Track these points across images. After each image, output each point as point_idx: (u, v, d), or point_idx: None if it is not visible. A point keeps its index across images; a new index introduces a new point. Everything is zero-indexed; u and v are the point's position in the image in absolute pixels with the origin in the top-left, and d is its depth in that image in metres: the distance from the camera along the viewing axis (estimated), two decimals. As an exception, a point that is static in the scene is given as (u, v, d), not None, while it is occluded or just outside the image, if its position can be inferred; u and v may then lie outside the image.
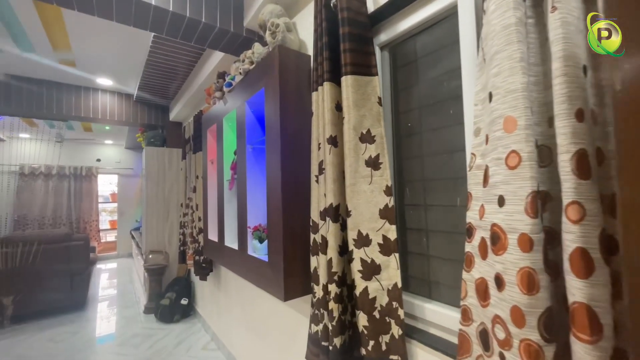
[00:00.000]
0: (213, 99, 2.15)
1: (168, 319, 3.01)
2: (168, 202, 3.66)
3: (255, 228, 1.52)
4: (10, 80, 2.95)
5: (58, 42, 2.38)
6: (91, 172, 6.29)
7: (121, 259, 6.43)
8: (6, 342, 2.71)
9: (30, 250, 3.05)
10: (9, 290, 2.95)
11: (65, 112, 3.22)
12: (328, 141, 1.07)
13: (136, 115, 3.68)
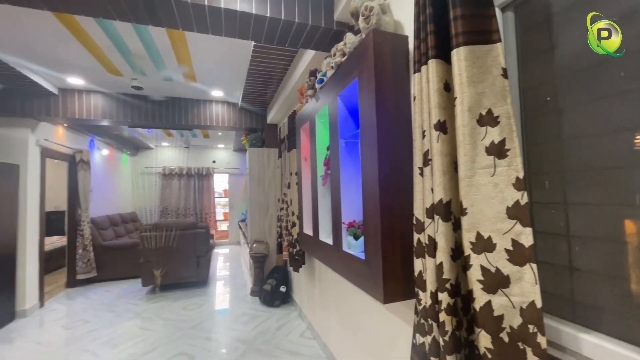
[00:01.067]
0: (305, 97, 2.21)
1: (270, 303, 3.31)
2: (267, 197, 4.03)
3: (350, 224, 1.48)
4: (155, 100, 3.74)
5: (183, 59, 2.86)
6: (209, 172, 7.51)
7: (232, 245, 7.48)
8: (156, 306, 3.46)
9: (170, 234, 3.83)
10: (158, 265, 3.78)
11: (190, 122, 3.89)
12: (435, 127, 0.93)
13: (241, 120, 4.16)
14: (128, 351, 2.47)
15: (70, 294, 4.00)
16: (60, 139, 4.01)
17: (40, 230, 3.52)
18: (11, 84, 3.05)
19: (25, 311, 3.23)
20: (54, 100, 3.37)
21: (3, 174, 3.03)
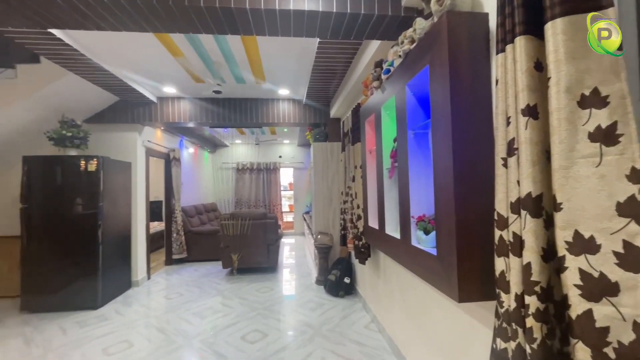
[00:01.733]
0: (370, 89, 2.19)
1: (334, 292, 3.41)
2: (331, 190, 4.13)
3: (420, 218, 1.43)
4: (230, 102, 4.14)
5: (254, 61, 3.09)
6: (275, 167, 8.00)
7: (297, 236, 7.88)
8: (234, 286, 3.89)
9: (245, 223, 4.23)
10: (235, 250, 4.22)
11: (260, 120, 4.20)
12: (523, 112, 0.84)
13: (305, 116, 4.32)
14: (213, 323, 2.84)
15: (168, 271, 4.75)
16: (159, 140, 4.75)
17: (147, 217, 4.26)
18: (124, 96, 3.72)
19: (137, 281, 3.97)
20: (154, 107, 4.01)
21: (122, 170, 3.74)
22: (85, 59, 2.64)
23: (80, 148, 3.45)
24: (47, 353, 2.37)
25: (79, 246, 3.22)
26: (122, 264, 3.74)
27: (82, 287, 3.21)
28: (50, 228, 3.19)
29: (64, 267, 3.18)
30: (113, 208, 3.50)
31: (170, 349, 2.40)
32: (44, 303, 3.16)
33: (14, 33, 2.18)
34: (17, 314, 3.13)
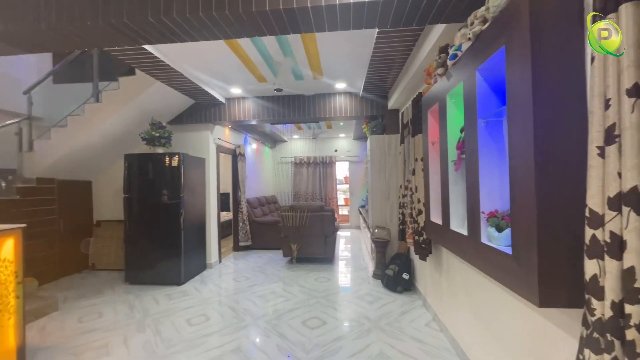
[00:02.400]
0: (434, 77, 2.07)
1: (392, 287, 3.36)
2: (388, 183, 4.04)
3: (492, 214, 1.33)
4: (289, 99, 4.32)
5: (312, 57, 3.17)
6: (331, 160, 8.11)
7: (352, 229, 7.92)
8: (294, 274, 4.11)
9: (303, 215, 4.41)
10: (294, 240, 4.44)
11: (317, 115, 4.30)
12: (629, 93, 0.72)
13: (362, 109, 4.28)
14: (276, 306, 3.06)
15: (235, 256, 5.24)
16: (227, 138, 5.22)
17: (218, 207, 4.74)
18: (199, 99, 4.16)
19: (211, 264, 4.47)
20: (222, 108, 4.40)
21: (197, 165, 4.22)
22: (169, 68, 3.03)
23: (166, 146, 3.99)
24: (146, 318, 2.84)
25: (166, 231, 3.75)
26: (199, 248, 4.24)
27: (169, 265, 3.74)
28: (145, 214, 3.79)
29: (155, 248, 3.75)
30: (191, 198, 3.98)
31: (239, 325, 2.66)
32: (141, 276, 3.78)
33: (117, 51, 2.62)
34: (122, 284, 3.81)
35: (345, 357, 2.15)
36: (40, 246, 3.79)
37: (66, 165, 3.93)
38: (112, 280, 3.99)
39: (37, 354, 2.27)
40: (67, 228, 4.17)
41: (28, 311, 2.67)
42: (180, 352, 2.25)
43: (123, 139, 4.14)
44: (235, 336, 2.49)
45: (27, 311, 2.46)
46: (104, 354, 2.25)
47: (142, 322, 2.76)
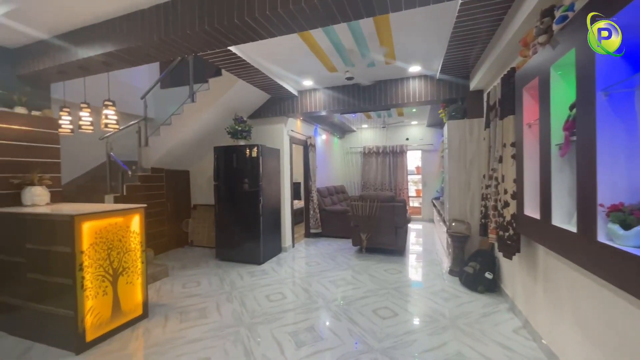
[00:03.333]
0: (532, 47, 1.77)
1: (471, 286, 3.09)
2: (469, 173, 3.67)
3: (615, 208, 1.09)
4: (361, 87, 4.25)
5: (385, 40, 3.04)
6: (402, 149, 7.76)
7: (424, 222, 7.49)
8: (364, 263, 4.12)
9: (373, 205, 4.36)
10: (364, 230, 4.44)
11: (389, 102, 4.14)
12: None
13: (438, 92, 3.95)
14: (346, 293, 3.12)
15: (307, 242, 5.51)
16: (299, 129, 5.45)
17: (291, 195, 5.03)
18: (274, 94, 4.43)
19: (285, 248, 4.80)
20: (295, 100, 4.60)
21: (274, 156, 4.54)
22: (248, 66, 3.29)
23: (246, 139, 4.39)
24: (233, 290, 3.23)
25: (247, 215, 4.17)
26: (275, 232, 4.59)
27: (250, 246, 4.16)
28: (231, 200, 4.27)
29: (239, 230, 4.21)
30: (268, 187, 4.32)
31: (313, 307, 2.81)
32: (228, 254, 4.30)
33: (208, 55, 2.96)
34: (213, 259, 4.40)
35: (419, 352, 2.08)
36: (154, 224, 4.63)
37: (171, 157, 4.68)
38: (206, 255, 4.64)
39: (155, 308, 2.80)
40: (172, 209, 4.99)
41: (148, 275, 3.31)
42: (262, 323, 2.50)
43: (212, 133, 4.70)
44: (308, 315, 2.64)
45: (147, 274, 3.06)
46: (202, 315, 2.65)
47: (230, 293, 3.15)
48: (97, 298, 2.23)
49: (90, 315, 2.18)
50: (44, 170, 2.83)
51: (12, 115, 2.66)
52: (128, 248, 2.48)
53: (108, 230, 2.32)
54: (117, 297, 2.38)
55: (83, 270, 2.13)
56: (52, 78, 2.94)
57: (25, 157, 2.74)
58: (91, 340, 2.17)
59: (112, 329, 2.33)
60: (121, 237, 2.42)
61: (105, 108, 2.46)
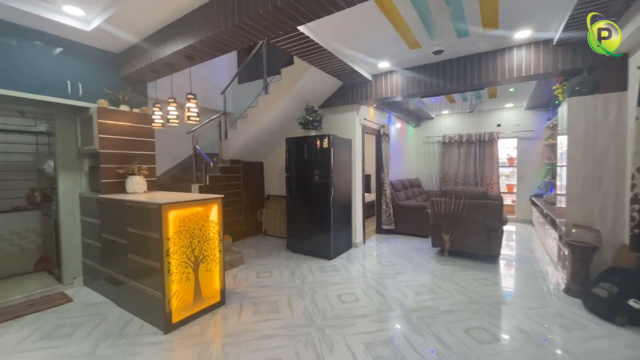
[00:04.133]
0: None
1: (605, 315, 2.34)
2: (600, 165, 2.80)
3: None
4: (446, 65, 3.65)
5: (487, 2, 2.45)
6: (492, 138, 6.66)
7: (518, 223, 6.33)
8: (447, 268, 3.59)
9: (459, 202, 3.75)
10: (447, 230, 3.88)
11: (483, 80, 3.45)
12: None
13: (555, 62, 3.09)
14: (428, 303, 2.71)
15: (378, 238, 5.16)
16: (371, 117, 5.08)
17: (363, 188, 4.74)
18: (346, 80, 4.15)
19: (356, 243, 4.56)
20: (369, 86, 4.24)
21: (345, 146, 4.30)
22: (320, 49, 3.07)
23: (317, 129, 4.24)
24: (304, 285, 3.14)
25: (318, 207, 4.05)
26: (346, 227, 4.38)
27: (321, 240, 4.04)
28: (301, 192, 4.20)
29: (309, 223, 4.13)
30: (339, 179, 4.10)
31: (390, 315, 2.51)
32: (298, 246, 4.27)
33: (280, 41, 2.83)
34: (285, 250, 4.44)
35: (537, 398, 1.60)
36: (232, 212, 4.91)
37: (247, 149, 4.86)
38: (278, 245, 4.72)
39: (232, 295, 2.88)
40: (248, 199, 5.23)
41: (226, 262, 3.46)
42: (334, 327, 2.32)
43: (285, 124, 4.70)
44: (385, 325, 2.35)
45: (225, 262, 3.18)
46: (274, 310, 2.60)
47: (301, 288, 3.06)
48: (181, 283, 2.35)
49: (176, 299, 2.30)
50: (142, 162, 3.14)
51: (118, 112, 3.01)
52: (207, 237, 2.56)
53: (190, 219, 2.41)
54: (198, 283, 2.48)
55: (169, 256, 2.25)
56: (147, 77, 3.23)
57: (128, 149, 3.07)
58: (176, 322, 2.30)
59: (194, 313, 2.44)
60: (201, 226, 2.51)
61: (188, 101, 2.54)
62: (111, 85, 3.10)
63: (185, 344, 2.12)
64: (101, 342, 2.15)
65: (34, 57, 2.62)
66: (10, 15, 2.39)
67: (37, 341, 2.17)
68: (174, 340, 2.17)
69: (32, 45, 2.62)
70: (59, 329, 2.32)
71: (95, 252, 3.00)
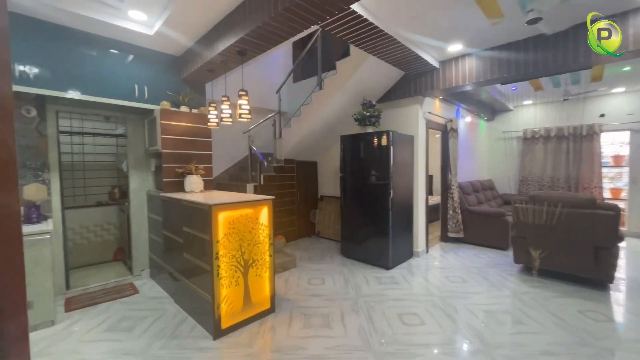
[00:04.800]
0: None
1: None
2: None
3: None
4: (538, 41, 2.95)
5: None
6: (592, 131, 5.42)
7: (631, 238, 5.02)
8: (537, 292, 2.91)
9: (554, 210, 3.02)
10: (537, 244, 3.17)
11: (588, 59, 2.68)
12: None
13: None
14: (517, 338, 2.16)
15: (443, 248, 4.56)
16: (437, 111, 4.50)
17: (426, 190, 4.22)
18: (409, 69, 3.70)
19: (418, 252, 4.06)
20: (435, 74, 3.72)
21: (406, 144, 3.85)
22: (380, 33, 2.71)
23: (375, 125, 3.88)
24: (359, 297, 2.83)
25: (375, 211, 3.69)
26: (406, 233, 3.93)
27: (378, 246, 3.67)
28: (357, 193, 3.89)
29: (365, 227, 3.79)
30: (399, 179, 3.68)
31: (466, 349, 2.05)
32: (353, 252, 3.97)
33: (334, 28, 2.56)
34: (338, 255, 4.17)
35: None
36: (285, 212, 4.83)
37: (300, 148, 4.73)
38: (331, 249, 4.49)
39: (282, 302, 2.72)
40: (301, 199, 5.11)
41: (278, 264, 3.34)
42: (395, 355, 1.96)
43: (340, 121, 4.44)
44: (460, 362, 1.91)
45: (277, 264, 3.04)
46: (326, 324, 2.35)
47: (355, 301, 2.76)
48: (231, 287, 2.25)
49: (225, 304, 2.21)
50: (199, 161, 3.19)
51: (178, 113, 3.10)
52: (257, 240, 2.43)
53: (239, 221, 2.30)
54: (248, 289, 2.37)
55: (219, 259, 2.17)
56: (205, 77, 3.28)
57: (186, 149, 3.15)
58: (225, 327, 2.21)
59: (243, 320, 2.33)
60: (251, 228, 2.39)
61: (239, 98, 2.44)
62: (172, 87, 3.22)
63: (233, 354, 2.00)
64: (155, 340, 2.15)
65: (110, 65, 2.82)
66: (86, 25, 2.58)
67: (103, 332, 2.28)
68: (222, 348, 2.07)
69: (108, 54, 2.82)
70: (123, 322, 2.43)
71: (158, 247, 3.14)
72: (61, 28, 2.56)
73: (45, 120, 2.75)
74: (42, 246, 2.29)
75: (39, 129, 2.71)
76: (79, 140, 3.87)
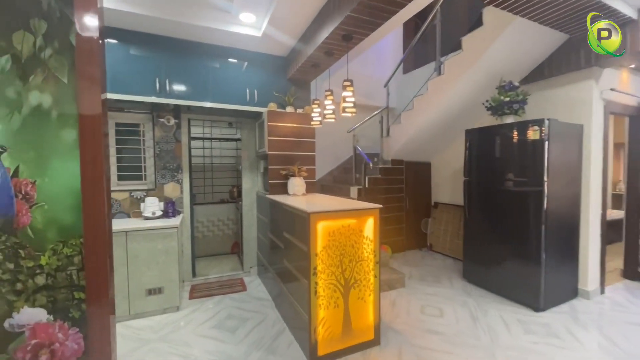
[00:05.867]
0: None
1: None
2: None
3: None
4: None
5: None
6: None
7: None
8: None
9: None
10: None
11: None
12: None
13: None
14: None
15: (628, 287, 3.09)
16: (624, 87, 3.07)
17: (603, 202, 2.91)
18: (578, 30, 2.57)
19: (587, 292, 2.83)
20: (627, 31, 2.46)
21: (568, 136, 2.73)
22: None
23: (517, 114, 2.91)
24: (495, 348, 2.07)
25: (517, 228, 2.74)
26: (568, 262, 2.79)
27: (520, 276, 2.72)
28: (489, 202, 3.01)
29: (501, 248, 2.88)
30: (557, 186, 2.62)
31: None
32: (481, 278, 3.09)
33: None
34: (459, 278, 3.36)
35: None
36: (392, 220, 4.29)
37: (411, 146, 4.11)
38: (448, 268, 3.69)
39: (388, 333, 2.25)
40: (410, 206, 4.46)
41: (383, 280, 2.87)
42: None
43: (463, 111, 3.60)
44: None
45: (382, 280, 2.58)
46: (448, 381, 1.75)
47: (491, 353, 2.02)
48: (329, 309, 1.95)
49: (322, 327, 1.92)
50: (303, 163, 3.06)
51: (284, 114, 3.04)
52: (360, 257, 2.05)
53: (341, 233, 1.97)
54: (348, 313, 2.01)
55: (317, 275, 1.89)
56: (309, 74, 3.13)
57: (291, 150, 3.06)
58: (323, 355, 1.92)
59: (342, 349, 1.98)
60: (354, 242, 2.02)
61: (344, 90, 2.12)
62: (279, 88, 3.20)
63: (328, 392, 1.68)
64: (254, 351, 2.06)
65: (229, 73, 2.99)
66: (204, 36, 2.77)
67: (211, 328, 2.36)
68: (317, 379, 1.79)
69: (227, 63, 3.00)
70: (229, 320, 2.48)
71: (265, 248, 3.18)
72: (188, 43, 2.83)
73: (179, 128, 3.14)
74: (171, 239, 2.56)
75: (175, 135, 3.12)
76: (207, 145, 4.43)
